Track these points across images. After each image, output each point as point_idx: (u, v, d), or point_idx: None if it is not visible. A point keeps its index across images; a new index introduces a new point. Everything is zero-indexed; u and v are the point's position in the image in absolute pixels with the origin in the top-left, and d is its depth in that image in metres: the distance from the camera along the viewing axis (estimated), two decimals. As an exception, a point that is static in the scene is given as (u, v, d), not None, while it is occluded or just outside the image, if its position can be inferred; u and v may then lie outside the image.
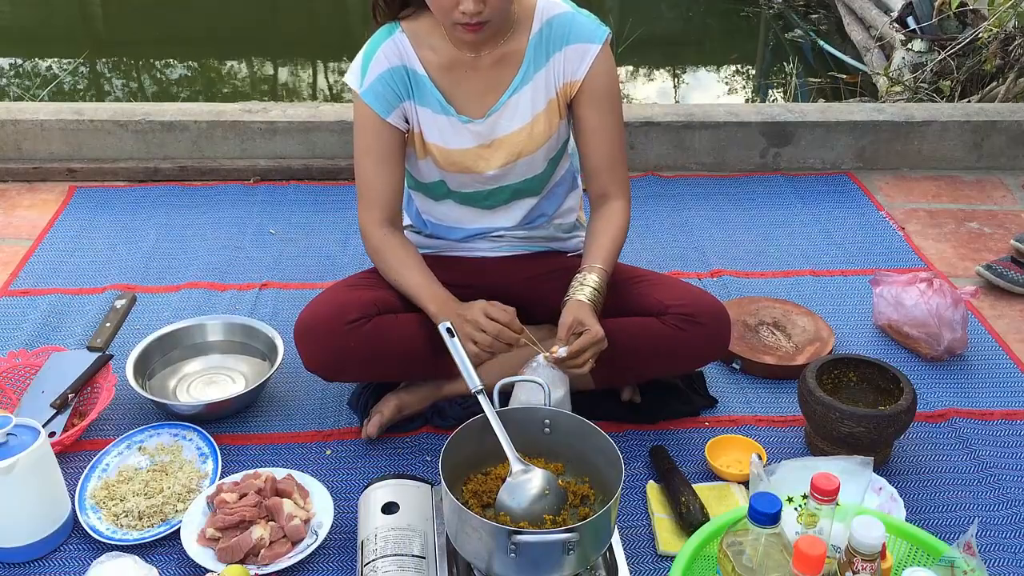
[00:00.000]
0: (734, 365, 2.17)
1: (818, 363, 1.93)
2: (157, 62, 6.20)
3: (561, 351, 1.71)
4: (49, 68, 5.83)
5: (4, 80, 5.75)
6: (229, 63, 6.35)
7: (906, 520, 1.64)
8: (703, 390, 2.08)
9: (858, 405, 1.90)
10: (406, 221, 2.06)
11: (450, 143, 1.85)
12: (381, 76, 1.80)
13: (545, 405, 1.67)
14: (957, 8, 4.25)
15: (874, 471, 1.73)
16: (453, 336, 1.69)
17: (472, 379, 1.63)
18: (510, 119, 1.85)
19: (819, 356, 2.10)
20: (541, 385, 1.69)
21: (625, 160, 1.93)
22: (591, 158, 1.89)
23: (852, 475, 1.52)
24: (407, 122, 1.85)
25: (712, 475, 1.86)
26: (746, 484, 1.81)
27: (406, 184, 2.01)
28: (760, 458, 1.81)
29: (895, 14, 4.79)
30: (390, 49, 1.80)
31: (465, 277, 1.98)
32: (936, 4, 4.49)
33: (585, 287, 1.79)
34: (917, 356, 2.23)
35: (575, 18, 1.82)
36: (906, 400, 1.82)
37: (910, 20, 4.58)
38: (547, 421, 1.67)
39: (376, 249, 1.89)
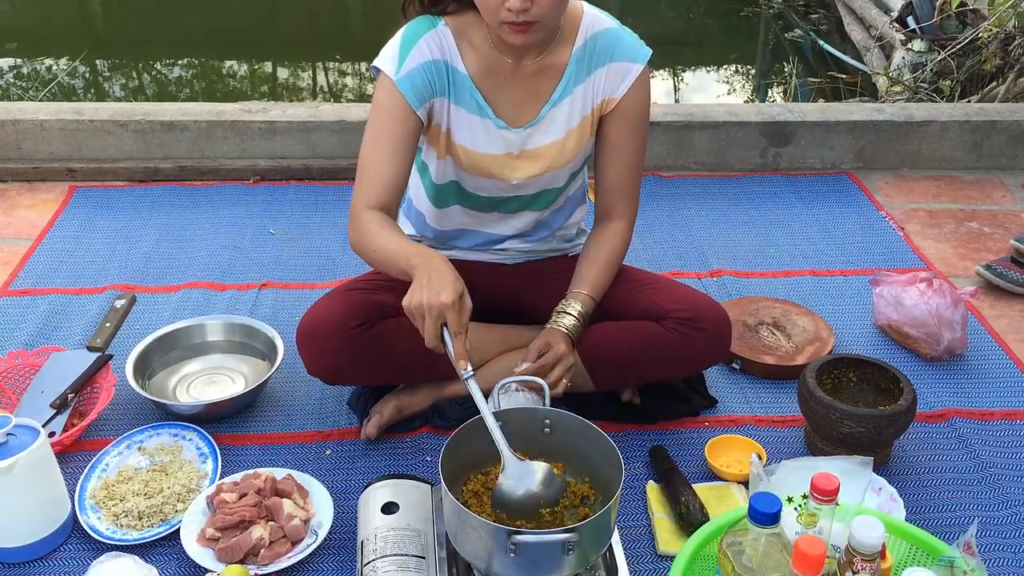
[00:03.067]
0: (734, 365, 2.17)
1: (818, 363, 1.93)
2: (157, 62, 6.20)
3: (524, 365, 1.74)
4: (49, 68, 5.83)
5: (4, 80, 5.75)
6: (229, 63, 6.35)
7: (906, 520, 1.64)
8: (703, 390, 2.08)
9: (858, 405, 1.90)
10: (409, 230, 2.04)
11: (480, 147, 1.82)
12: (421, 67, 1.73)
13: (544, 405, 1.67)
14: (957, 8, 4.25)
15: (874, 471, 1.73)
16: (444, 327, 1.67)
17: (460, 366, 1.58)
18: (545, 132, 1.82)
19: (819, 356, 2.10)
20: (541, 385, 1.69)
21: (639, 182, 1.92)
22: (607, 175, 1.88)
23: (852, 475, 1.52)
24: (431, 118, 1.80)
25: (712, 475, 1.86)
26: (746, 484, 1.81)
27: (413, 187, 1.99)
28: (760, 458, 1.81)
29: (895, 14, 4.79)
30: (433, 41, 1.74)
31: (465, 279, 1.97)
32: (936, 4, 4.49)
33: (566, 316, 1.81)
34: (917, 356, 2.23)
35: (620, 35, 1.81)
36: (906, 400, 1.82)
37: (910, 20, 4.58)
38: (547, 421, 1.67)
39: (362, 227, 1.71)
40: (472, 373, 1.59)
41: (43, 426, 1.71)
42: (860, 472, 1.54)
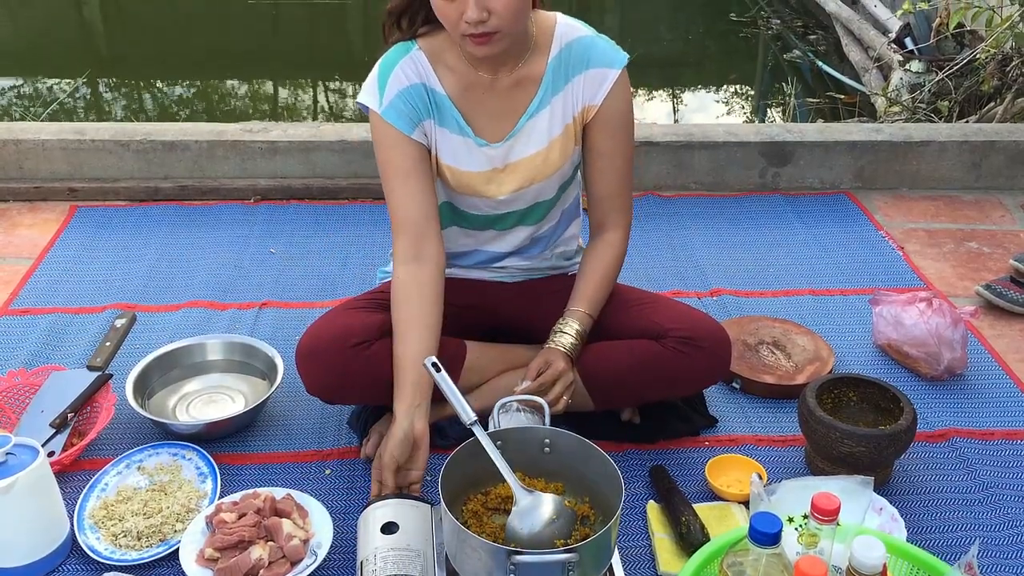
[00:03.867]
0: (734, 384, 2.17)
1: (818, 382, 1.93)
2: (158, 82, 6.23)
3: (523, 384, 1.75)
4: (51, 88, 5.85)
5: (6, 100, 5.77)
6: (230, 83, 6.38)
7: (907, 540, 1.64)
8: (703, 410, 2.07)
9: (858, 425, 1.90)
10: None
11: (464, 165, 1.83)
12: (401, 93, 1.76)
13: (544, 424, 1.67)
14: (954, 29, 4.28)
15: (875, 491, 1.72)
16: (439, 371, 1.69)
17: (465, 411, 1.62)
18: (526, 144, 1.83)
19: (819, 375, 2.10)
20: (541, 404, 1.69)
21: (631, 189, 1.91)
22: (596, 184, 1.89)
23: (853, 495, 1.52)
24: (427, 139, 1.81)
25: (712, 495, 1.85)
26: (746, 504, 1.80)
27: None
28: (760, 478, 1.81)
29: (893, 35, 4.81)
30: (408, 67, 1.77)
31: (464, 298, 1.98)
32: (933, 25, 4.51)
33: (564, 335, 1.82)
34: (917, 376, 2.23)
35: (595, 42, 1.81)
36: (906, 420, 1.82)
37: (908, 41, 4.61)
38: (547, 441, 1.67)
39: (394, 290, 1.79)
40: (476, 420, 1.60)
41: (42, 445, 1.71)
42: (861, 492, 1.54)
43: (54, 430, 1.91)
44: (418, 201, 1.78)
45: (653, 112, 6.07)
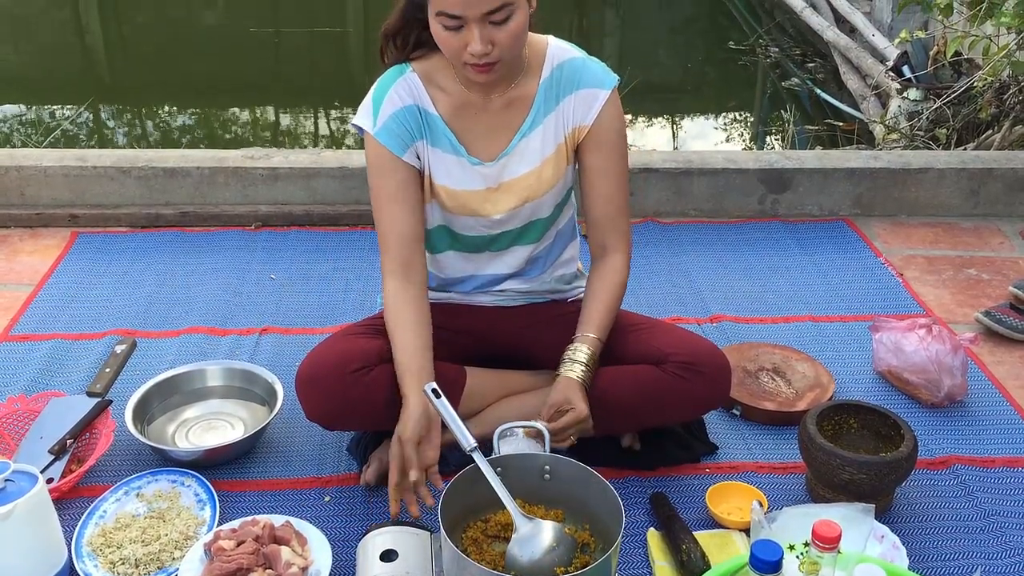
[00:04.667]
0: (734, 411, 2.17)
1: (818, 409, 1.93)
2: (160, 110, 6.26)
3: (539, 425, 1.73)
4: (53, 115, 5.88)
5: (8, 127, 5.80)
6: (232, 110, 6.41)
7: (909, 568, 1.63)
8: (703, 436, 2.07)
9: (859, 452, 1.90)
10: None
11: (458, 184, 1.85)
12: (395, 115, 1.79)
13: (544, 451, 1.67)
14: (952, 58, 4.31)
15: (876, 518, 1.72)
16: (439, 397, 1.69)
17: (465, 438, 1.62)
18: (519, 163, 1.85)
19: (819, 402, 2.10)
20: (541, 430, 1.69)
21: (627, 210, 1.93)
22: (593, 205, 1.90)
23: (854, 522, 1.52)
24: (419, 161, 1.84)
25: (713, 522, 1.84)
26: (747, 531, 1.79)
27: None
28: (761, 505, 1.80)
29: (891, 63, 4.85)
30: (402, 88, 1.80)
31: (465, 323, 1.98)
32: (931, 54, 4.55)
33: (576, 364, 1.81)
34: (917, 402, 2.22)
35: (585, 64, 1.84)
36: (907, 447, 1.82)
37: (905, 69, 4.64)
38: (547, 467, 1.66)
39: (385, 305, 1.84)
40: (477, 446, 1.60)
41: (41, 472, 1.71)
42: (862, 519, 1.54)
43: (53, 456, 1.90)
44: (409, 223, 1.82)
45: (652, 138, 6.09)
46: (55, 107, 6.02)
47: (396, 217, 1.82)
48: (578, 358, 1.82)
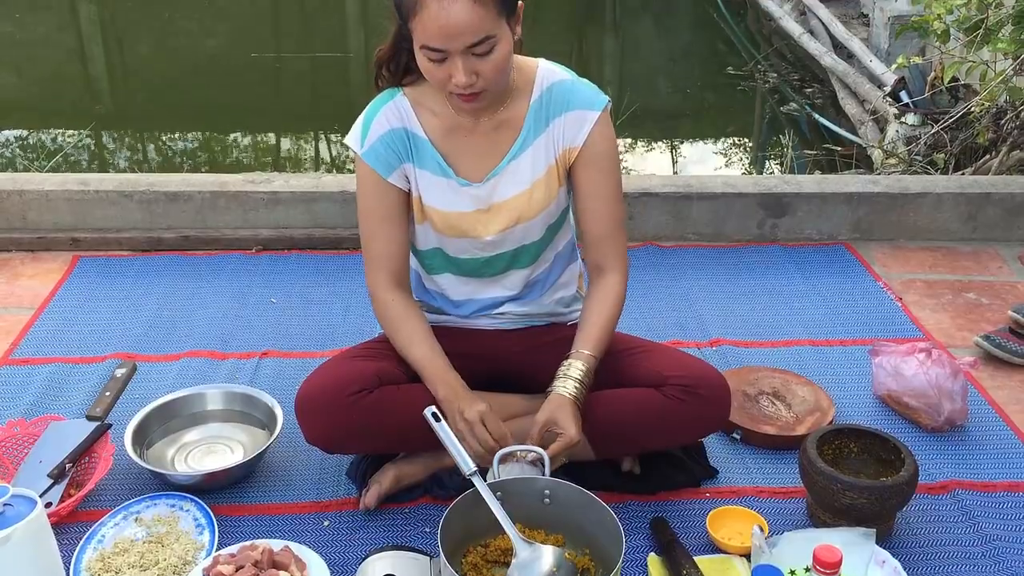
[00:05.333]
0: (734, 435, 2.16)
1: (818, 433, 1.93)
2: (162, 134, 6.29)
3: (538, 451, 1.73)
4: (55, 140, 5.91)
5: (11, 152, 5.83)
6: (233, 135, 6.44)
7: (910, 594, 1.63)
8: (703, 460, 2.07)
9: (859, 476, 1.89)
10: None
11: (449, 206, 1.87)
12: (382, 137, 1.83)
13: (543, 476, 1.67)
14: (949, 83, 4.33)
15: (877, 543, 1.72)
16: (439, 421, 1.69)
17: (465, 462, 1.63)
18: (509, 184, 1.86)
19: (819, 426, 2.09)
20: (540, 455, 1.69)
21: (623, 230, 1.94)
22: (588, 226, 1.91)
23: (855, 547, 1.52)
24: (408, 183, 1.87)
25: (714, 547, 1.84)
26: (748, 556, 1.79)
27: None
28: (762, 530, 1.80)
29: (888, 88, 4.88)
30: (391, 112, 1.84)
31: (465, 347, 1.98)
32: (928, 79, 4.57)
33: (569, 380, 1.80)
34: (917, 427, 2.22)
35: (575, 86, 1.86)
36: (907, 471, 1.81)
37: (903, 94, 4.67)
38: (547, 492, 1.66)
39: (383, 313, 1.89)
40: (476, 470, 1.60)
41: (40, 496, 1.70)
42: (863, 544, 1.53)
43: (52, 480, 1.90)
44: (398, 242, 1.88)
45: (652, 163, 6.11)
46: (58, 132, 6.04)
47: (385, 236, 1.87)
48: (572, 374, 1.81)
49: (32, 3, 8.83)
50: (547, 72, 1.86)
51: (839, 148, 5.11)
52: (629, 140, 6.09)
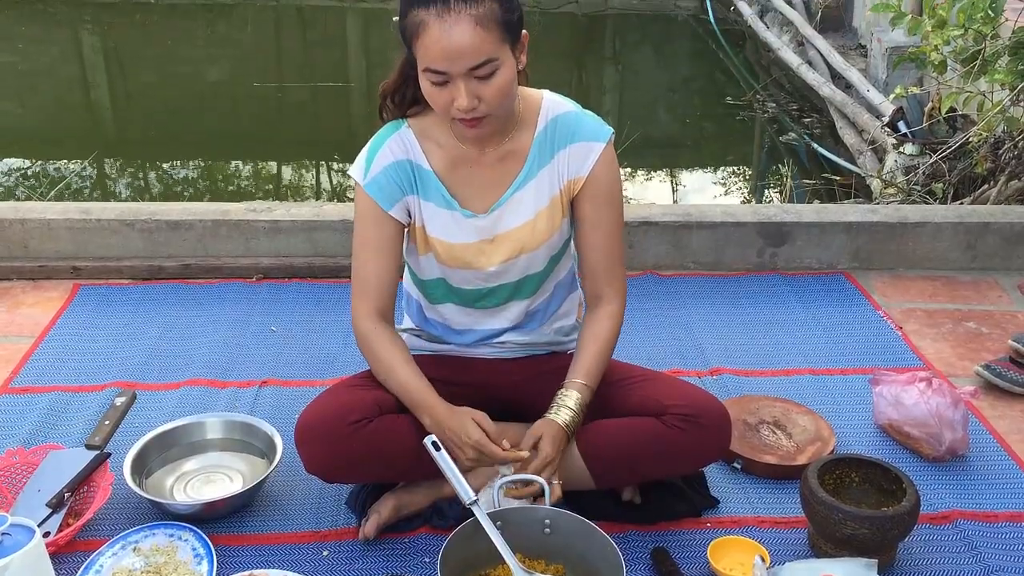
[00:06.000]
0: (735, 465, 2.16)
1: (819, 463, 1.92)
2: (164, 163, 6.32)
3: (539, 480, 1.73)
4: (58, 169, 5.93)
5: (13, 181, 5.85)
6: (235, 163, 6.47)
7: (913, 625, 1.61)
8: (704, 490, 2.06)
9: (861, 506, 1.89)
10: (408, 324, 2.08)
11: (453, 237, 1.87)
12: (385, 169, 1.84)
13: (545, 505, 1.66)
14: (947, 113, 4.36)
15: (879, 574, 1.71)
16: (439, 450, 1.69)
17: (465, 491, 1.63)
18: (513, 215, 1.87)
19: (820, 456, 2.09)
20: (540, 483, 1.69)
21: (623, 262, 1.94)
22: (588, 256, 1.92)
23: (856, 578, 1.51)
24: (409, 216, 1.88)
25: (715, 578, 1.83)
26: (749, 587, 1.78)
27: (409, 284, 2.03)
28: (763, 560, 1.79)
29: (886, 119, 4.90)
30: (396, 144, 1.85)
31: (463, 376, 1.98)
32: (926, 109, 4.60)
33: (563, 408, 1.82)
34: (919, 456, 2.22)
35: (580, 117, 1.87)
36: (909, 501, 1.81)
37: (901, 124, 4.69)
38: (547, 521, 1.66)
39: (364, 340, 1.88)
40: (477, 499, 1.59)
41: (39, 525, 1.70)
42: (865, 575, 1.53)
43: (50, 510, 1.89)
44: (388, 276, 1.88)
45: (652, 192, 6.14)
46: (61, 161, 6.07)
47: (376, 267, 1.87)
48: (567, 404, 1.82)
49: (35, 34, 8.91)
50: (552, 103, 1.88)
51: (838, 178, 5.14)
52: (629, 169, 6.12)
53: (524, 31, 1.73)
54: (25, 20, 9.15)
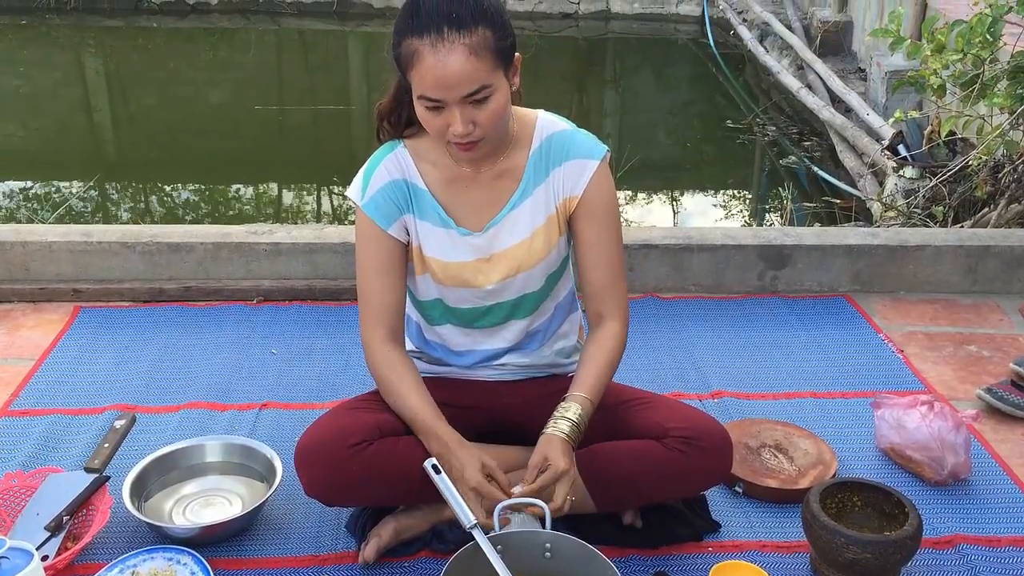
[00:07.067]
0: (736, 488, 2.15)
1: (821, 487, 1.92)
2: (166, 186, 6.34)
3: (516, 489, 1.71)
4: (59, 191, 5.95)
5: (14, 203, 5.87)
6: (236, 186, 6.49)
7: (916, 651, 1.60)
8: (706, 514, 2.05)
9: (863, 530, 1.88)
10: (408, 346, 2.07)
11: (449, 256, 1.88)
12: (382, 189, 1.85)
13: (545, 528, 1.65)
14: (946, 137, 4.37)
15: (882, 599, 1.70)
16: (439, 473, 1.68)
17: (465, 515, 1.62)
18: (509, 233, 1.88)
19: (822, 480, 2.08)
20: (540, 506, 1.68)
21: (623, 279, 1.94)
22: (588, 274, 1.92)
23: (859, 603, 1.50)
24: (408, 234, 1.89)
25: (716, 603, 1.82)
26: (751, 612, 1.77)
27: (408, 306, 2.03)
28: (765, 585, 1.78)
29: (886, 142, 4.92)
30: (391, 163, 1.86)
31: (465, 398, 1.98)
32: (925, 133, 4.62)
33: (563, 420, 1.78)
34: (921, 480, 2.21)
35: (574, 136, 1.88)
36: (911, 526, 1.80)
37: (901, 148, 4.71)
38: (548, 545, 1.65)
39: (375, 367, 1.88)
40: (477, 523, 1.59)
41: (37, 549, 1.69)
42: (867, 600, 1.52)
43: (49, 533, 1.88)
44: (395, 294, 1.89)
45: (652, 215, 6.16)
46: (62, 183, 6.09)
47: (382, 288, 1.87)
48: (567, 415, 1.79)
49: (38, 57, 8.96)
50: (546, 123, 1.89)
51: (838, 201, 5.15)
52: (629, 192, 6.14)
53: (517, 54, 1.74)
54: (28, 43, 9.22)
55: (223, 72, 9.07)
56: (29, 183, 6.15)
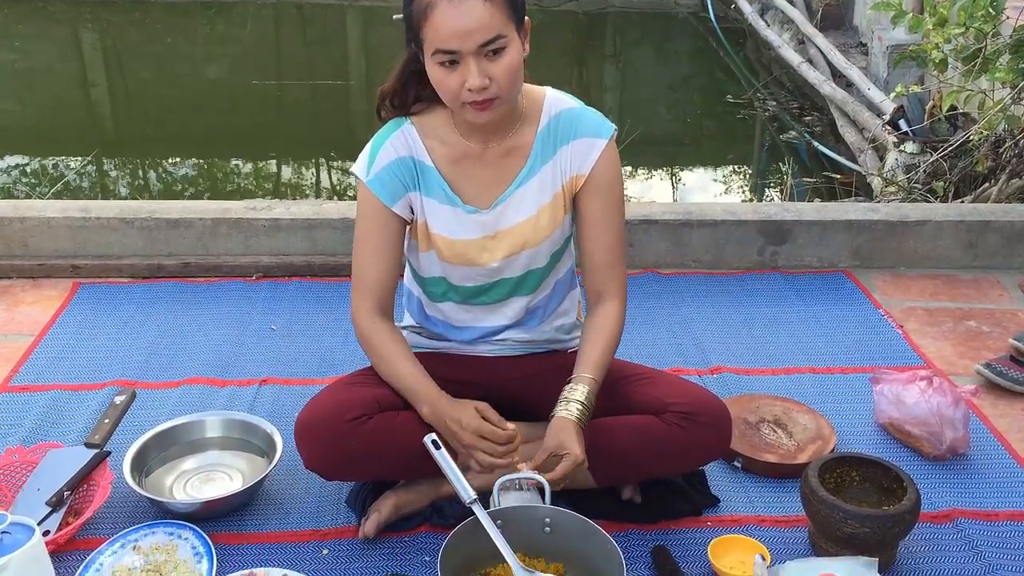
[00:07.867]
0: (735, 463, 2.15)
1: (820, 462, 1.92)
2: (164, 161, 6.32)
3: (539, 478, 1.71)
4: (57, 167, 5.93)
5: (12, 179, 5.85)
6: (235, 162, 6.46)
7: (914, 624, 1.61)
8: (705, 489, 2.06)
9: (861, 505, 1.88)
10: (408, 321, 2.08)
11: (455, 233, 1.87)
12: (388, 166, 1.84)
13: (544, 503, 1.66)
14: (947, 112, 4.35)
15: (879, 573, 1.71)
16: (439, 448, 1.68)
17: (465, 490, 1.62)
18: (516, 211, 1.87)
19: (821, 454, 2.09)
20: (540, 481, 1.68)
21: (624, 258, 1.94)
22: (590, 252, 1.91)
23: (857, 577, 1.51)
24: (412, 213, 1.88)
25: (715, 577, 1.83)
26: (750, 586, 1.78)
27: (410, 281, 2.03)
28: (764, 559, 1.78)
29: (887, 117, 4.90)
30: (398, 140, 1.85)
31: (464, 374, 1.98)
32: (927, 108, 4.60)
33: (572, 403, 1.80)
34: (919, 455, 2.21)
35: (582, 114, 1.87)
36: (910, 500, 1.81)
37: (902, 123, 4.69)
38: (548, 520, 1.66)
39: (365, 337, 1.89)
40: (477, 498, 1.59)
41: (38, 524, 1.69)
42: (865, 573, 1.53)
43: (50, 508, 1.89)
44: (388, 273, 1.88)
45: (652, 191, 6.14)
46: (60, 159, 6.07)
47: (377, 264, 1.87)
48: (575, 397, 1.80)
49: (34, 32, 8.90)
50: (554, 100, 1.88)
51: (838, 176, 5.13)
52: (629, 168, 6.12)
53: (527, 18, 1.73)
54: (24, 18, 9.15)
55: (221, 47, 9.01)
56: (27, 159, 6.12)
